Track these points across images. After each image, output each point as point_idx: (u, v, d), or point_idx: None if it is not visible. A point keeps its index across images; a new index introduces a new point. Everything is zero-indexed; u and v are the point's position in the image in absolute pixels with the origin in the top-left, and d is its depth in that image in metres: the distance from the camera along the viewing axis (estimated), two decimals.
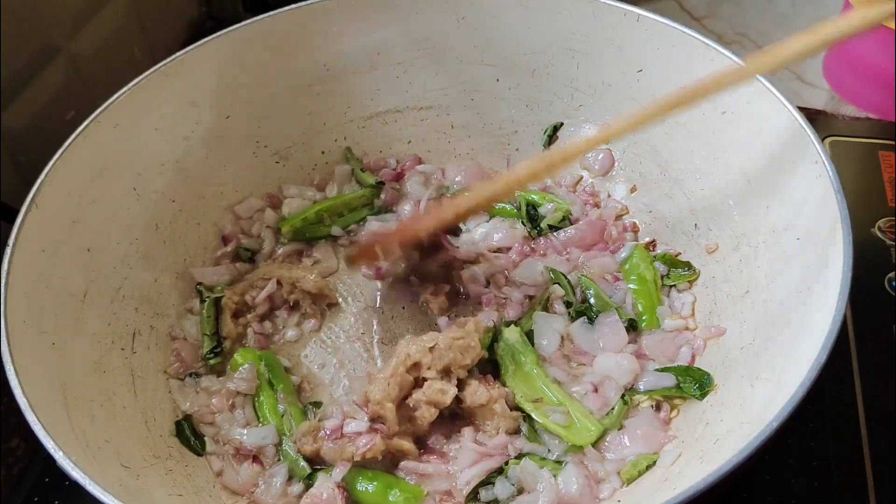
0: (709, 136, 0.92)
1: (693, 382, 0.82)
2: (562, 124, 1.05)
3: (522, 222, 1.01)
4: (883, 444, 0.82)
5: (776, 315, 0.78)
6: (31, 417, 0.66)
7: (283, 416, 0.84)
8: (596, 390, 0.83)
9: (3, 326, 0.71)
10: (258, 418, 0.85)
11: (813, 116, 1.15)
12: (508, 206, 1.02)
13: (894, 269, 0.97)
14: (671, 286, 0.93)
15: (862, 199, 1.04)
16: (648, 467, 0.77)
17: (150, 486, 0.74)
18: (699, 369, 0.83)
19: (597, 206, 1.02)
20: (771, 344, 0.77)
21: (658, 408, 0.83)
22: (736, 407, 0.75)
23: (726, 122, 0.90)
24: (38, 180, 0.81)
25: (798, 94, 1.30)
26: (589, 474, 0.77)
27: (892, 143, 1.11)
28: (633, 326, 0.88)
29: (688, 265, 0.93)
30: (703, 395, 0.80)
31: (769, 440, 0.60)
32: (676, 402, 0.83)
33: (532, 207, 1.01)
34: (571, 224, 0.99)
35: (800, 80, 1.33)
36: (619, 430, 0.81)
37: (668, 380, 0.83)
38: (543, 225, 0.99)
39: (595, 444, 0.80)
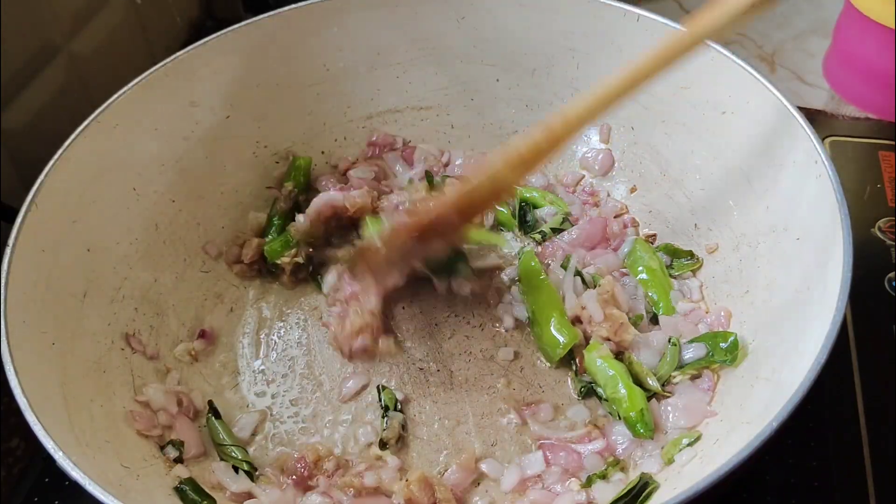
0: (709, 136, 0.92)
1: (723, 349, 0.82)
2: None
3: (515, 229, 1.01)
4: (883, 444, 0.82)
5: (776, 315, 0.78)
6: (31, 417, 0.66)
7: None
8: None
9: (3, 326, 0.71)
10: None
11: (813, 116, 1.15)
12: (504, 210, 1.02)
13: (894, 269, 0.97)
14: (675, 276, 0.93)
15: (862, 199, 1.04)
16: (690, 444, 0.77)
17: (150, 486, 0.74)
18: (725, 332, 0.84)
19: (596, 205, 1.02)
20: (771, 344, 0.77)
21: (700, 377, 0.83)
22: (736, 407, 0.75)
23: (726, 122, 0.90)
24: (38, 180, 0.81)
25: (798, 94, 1.30)
26: None
27: (892, 143, 1.11)
28: (654, 321, 0.90)
29: (690, 254, 0.94)
30: (733, 360, 0.80)
31: (769, 440, 0.60)
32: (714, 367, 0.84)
33: (527, 208, 1.01)
34: (572, 225, 0.99)
35: (800, 80, 1.33)
36: (660, 400, 0.82)
37: (701, 349, 0.83)
38: (546, 229, 0.99)
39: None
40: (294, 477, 0.80)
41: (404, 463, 0.82)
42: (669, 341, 0.85)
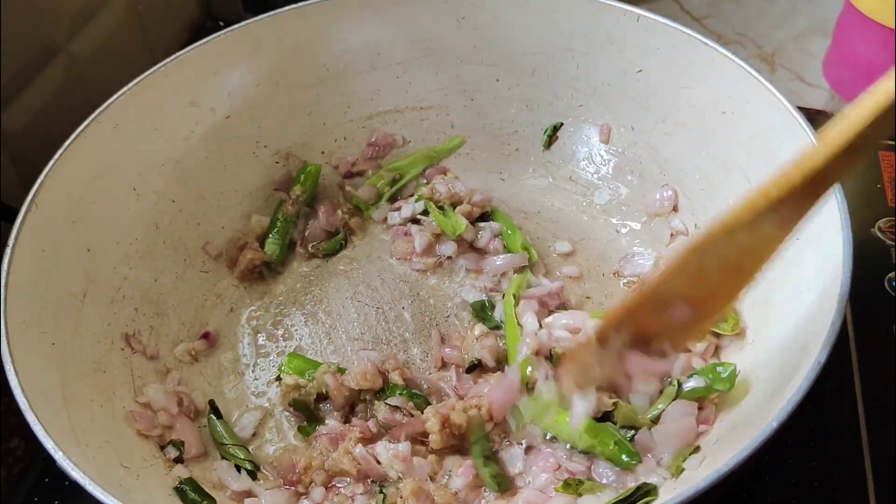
0: (709, 136, 0.92)
1: (722, 378, 0.78)
2: (562, 124, 1.05)
3: None
4: (883, 444, 0.82)
5: (776, 315, 0.78)
6: (31, 417, 0.66)
7: None
8: None
9: (3, 326, 0.71)
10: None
11: (813, 116, 1.14)
12: None
13: (894, 269, 0.97)
14: None
15: (862, 199, 1.04)
16: (692, 454, 0.75)
17: (151, 486, 0.74)
18: (724, 363, 0.80)
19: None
20: (771, 344, 0.77)
21: (700, 408, 0.79)
22: (736, 407, 0.75)
23: (726, 122, 0.90)
24: (38, 180, 0.81)
25: (798, 94, 1.29)
26: None
27: (892, 143, 1.11)
28: None
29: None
30: (732, 386, 0.77)
31: (769, 440, 0.60)
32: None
33: None
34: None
35: (800, 80, 1.33)
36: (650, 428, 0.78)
37: (700, 381, 0.79)
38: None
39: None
40: (284, 480, 0.80)
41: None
42: (668, 382, 0.80)
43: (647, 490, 0.72)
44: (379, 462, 0.78)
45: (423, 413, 0.82)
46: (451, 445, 0.80)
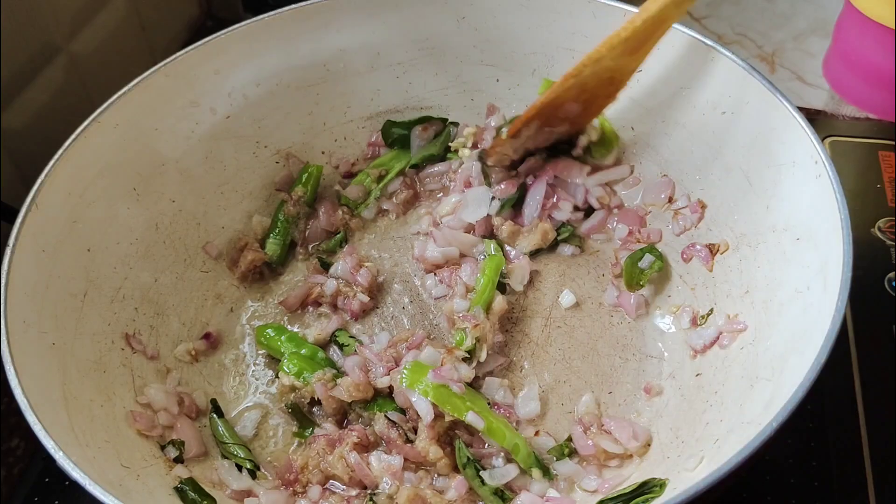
0: (709, 136, 0.92)
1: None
2: None
3: None
4: (883, 444, 0.83)
5: (776, 315, 0.78)
6: (31, 417, 0.66)
7: None
8: None
9: (3, 326, 0.71)
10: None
11: (813, 116, 1.15)
12: None
13: (894, 269, 0.97)
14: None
15: (862, 199, 1.04)
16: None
17: (151, 486, 0.74)
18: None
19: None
20: (771, 344, 0.77)
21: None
22: (736, 407, 0.75)
23: (726, 122, 0.90)
24: (38, 180, 0.81)
25: (798, 94, 1.30)
26: None
27: (892, 143, 1.11)
28: None
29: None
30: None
31: (769, 440, 0.60)
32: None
33: None
34: None
35: (800, 80, 1.33)
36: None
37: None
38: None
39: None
40: (282, 480, 0.80)
41: None
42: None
43: (655, 485, 0.72)
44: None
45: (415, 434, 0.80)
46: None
